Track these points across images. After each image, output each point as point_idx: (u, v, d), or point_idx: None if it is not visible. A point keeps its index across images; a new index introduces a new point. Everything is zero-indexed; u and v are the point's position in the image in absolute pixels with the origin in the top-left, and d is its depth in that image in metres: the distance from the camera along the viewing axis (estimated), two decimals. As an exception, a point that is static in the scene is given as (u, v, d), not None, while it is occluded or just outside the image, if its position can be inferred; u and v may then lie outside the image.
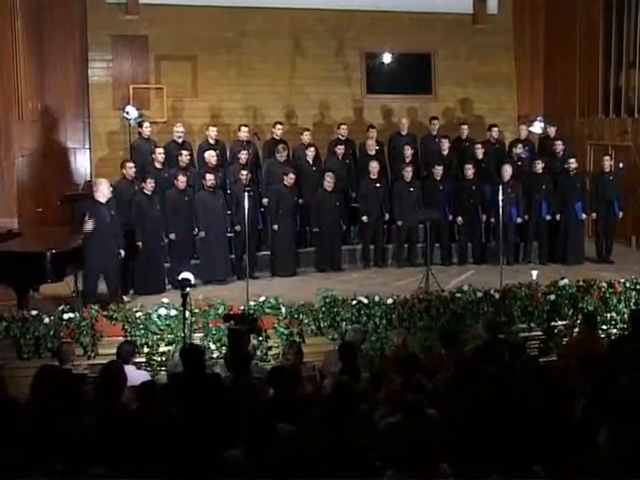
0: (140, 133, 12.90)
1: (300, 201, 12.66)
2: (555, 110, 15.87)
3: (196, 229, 11.55)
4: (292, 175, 12.26)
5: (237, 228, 11.78)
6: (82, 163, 14.80)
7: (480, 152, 13.39)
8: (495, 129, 14.02)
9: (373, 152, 13.38)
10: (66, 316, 8.99)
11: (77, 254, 9.82)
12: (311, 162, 13.03)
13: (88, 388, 6.26)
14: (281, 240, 12.15)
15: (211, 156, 12.15)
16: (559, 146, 13.50)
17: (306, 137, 13.28)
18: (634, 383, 5.65)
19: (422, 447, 4.60)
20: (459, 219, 13.03)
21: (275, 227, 12.17)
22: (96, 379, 6.24)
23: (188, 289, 8.18)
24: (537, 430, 5.14)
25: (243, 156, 12.22)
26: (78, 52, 14.59)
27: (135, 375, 7.01)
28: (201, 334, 9.14)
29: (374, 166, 12.84)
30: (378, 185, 12.86)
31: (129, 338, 8.84)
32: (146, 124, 12.91)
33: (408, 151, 13.23)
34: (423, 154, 14.05)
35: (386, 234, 13.16)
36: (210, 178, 11.65)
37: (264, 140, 13.26)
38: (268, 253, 12.34)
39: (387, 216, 12.92)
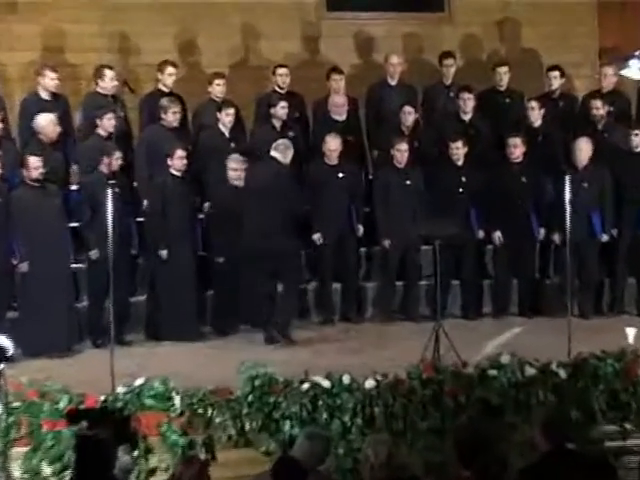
0: None
1: (206, 205, 12.74)
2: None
3: (15, 256, 11.54)
4: (181, 152, 12.28)
5: (92, 254, 11.79)
6: None
7: (537, 114, 13.56)
8: (557, 74, 14.13)
9: (341, 117, 13.54)
10: None
11: None
12: (227, 134, 13.13)
13: None
14: (172, 275, 12.16)
15: (50, 122, 12.24)
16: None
17: (218, 89, 13.46)
18: None
19: None
20: (496, 235, 13.10)
21: (164, 252, 12.17)
22: None
23: (2, 365, 8.20)
24: None
25: (106, 122, 12.30)
26: None
27: None
28: (25, 447, 9.04)
29: (333, 142, 12.82)
30: (341, 175, 12.90)
31: None
32: None
33: (409, 115, 13.36)
34: (428, 119, 14.17)
35: (363, 264, 13.26)
36: (36, 164, 11.57)
37: (142, 94, 13.40)
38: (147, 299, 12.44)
39: (361, 230, 12.99)
